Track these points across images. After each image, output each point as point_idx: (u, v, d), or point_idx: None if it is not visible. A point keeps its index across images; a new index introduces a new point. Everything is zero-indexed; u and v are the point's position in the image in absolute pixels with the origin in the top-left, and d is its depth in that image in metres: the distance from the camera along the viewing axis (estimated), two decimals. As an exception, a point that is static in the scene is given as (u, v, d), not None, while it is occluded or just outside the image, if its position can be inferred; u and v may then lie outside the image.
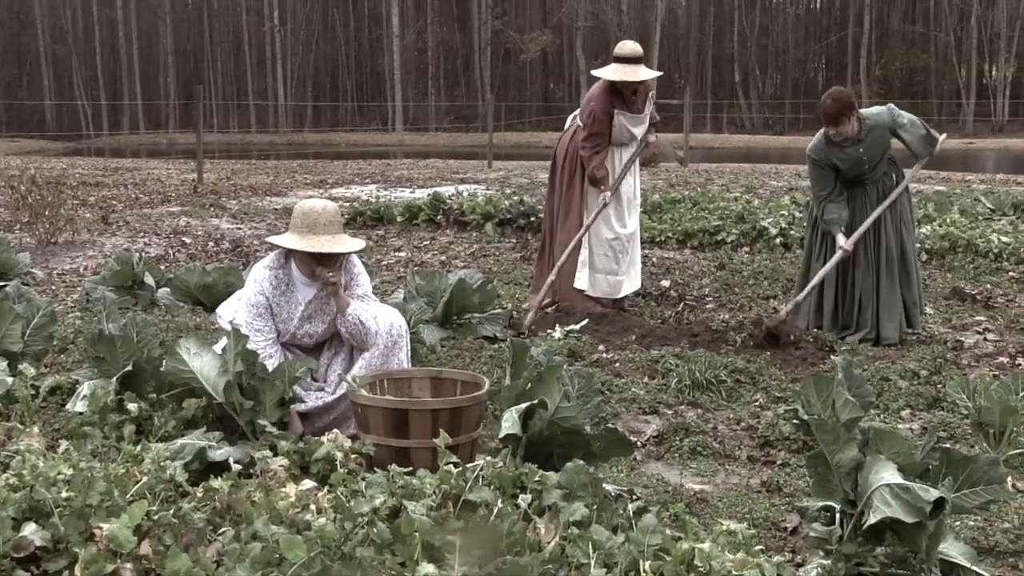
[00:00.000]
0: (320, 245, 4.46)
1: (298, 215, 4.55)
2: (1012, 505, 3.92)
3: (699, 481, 4.33)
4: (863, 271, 6.59)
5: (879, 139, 6.47)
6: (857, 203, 6.61)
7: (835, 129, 6.39)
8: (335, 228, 4.54)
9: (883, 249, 6.57)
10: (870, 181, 6.57)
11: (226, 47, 64.52)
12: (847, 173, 6.52)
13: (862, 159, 6.47)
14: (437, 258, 10.21)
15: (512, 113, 50.67)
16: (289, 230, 4.58)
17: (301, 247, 4.47)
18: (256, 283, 4.61)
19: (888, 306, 6.55)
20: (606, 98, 7.21)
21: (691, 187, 16.52)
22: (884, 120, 6.48)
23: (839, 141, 6.43)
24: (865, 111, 6.54)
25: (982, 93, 53.73)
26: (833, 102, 6.38)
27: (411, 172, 21.96)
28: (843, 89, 6.67)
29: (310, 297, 4.62)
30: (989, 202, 13.10)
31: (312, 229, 4.49)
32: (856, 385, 3.92)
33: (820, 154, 6.55)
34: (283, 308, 4.61)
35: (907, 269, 6.62)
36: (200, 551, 2.76)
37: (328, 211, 4.55)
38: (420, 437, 3.92)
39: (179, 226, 12.56)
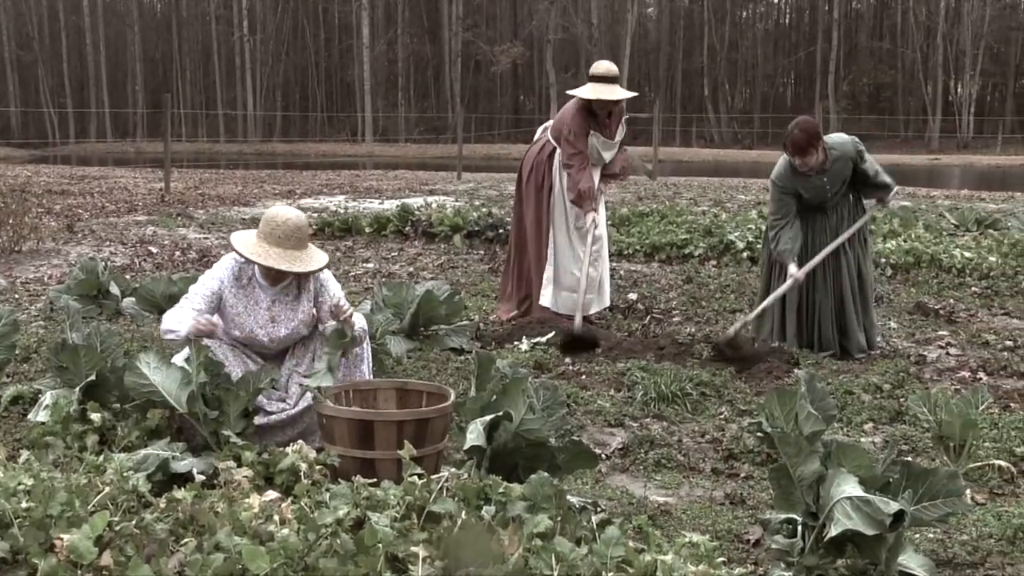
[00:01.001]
0: (279, 260, 4.44)
1: (265, 222, 4.53)
2: (970, 518, 3.97)
3: (663, 493, 4.35)
4: (822, 295, 6.63)
5: (842, 168, 6.49)
6: (817, 227, 6.63)
7: (802, 159, 6.37)
8: (300, 242, 4.51)
9: (843, 273, 6.62)
10: (830, 207, 6.61)
11: (195, 56, 64.26)
12: (810, 201, 6.55)
13: (825, 188, 6.50)
14: (405, 269, 10.20)
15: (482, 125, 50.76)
16: (256, 235, 4.56)
17: (260, 260, 4.46)
18: (220, 269, 4.63)
19: (849, 328, 6.60)
20: (581, 117, 7.19)
21: (659, 200, 16.61)
22: (848, 151, 6.50)
23: (805, 171, 6.46)
24: (830, 140, 6.53)
25: (948, 109, 54.42)
26: (801, 132, 6.36)
27: (380, 183, 21.94)
28: (810, 119, 6.67)
29: (273, 298, 4.60)
30: (953, 218, 13.26)
31: (277, 241, 4.47)
32: (819, 399, 3.96)
33: (785, 182, 6.54)
34: (241, 301, 4.60)
35: (864, 293, 6.67)
36: (162, 562, 2.74)
37: (291, 224, 4.50)
38: (385, 448, 3.91)
39: (146, 235, 12.47)
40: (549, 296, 7.36)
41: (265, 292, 4.61)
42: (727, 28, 60.87)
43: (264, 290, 4.62)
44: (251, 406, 4.31)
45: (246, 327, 4.62)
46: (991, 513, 4.02)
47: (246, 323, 4.61)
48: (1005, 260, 9.88)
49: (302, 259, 4.51)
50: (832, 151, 6.44)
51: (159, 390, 4.17)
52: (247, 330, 4.62)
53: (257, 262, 4.48)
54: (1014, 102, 56.48)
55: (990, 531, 3.83)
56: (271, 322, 4.63)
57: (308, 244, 4.59)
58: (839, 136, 6.68)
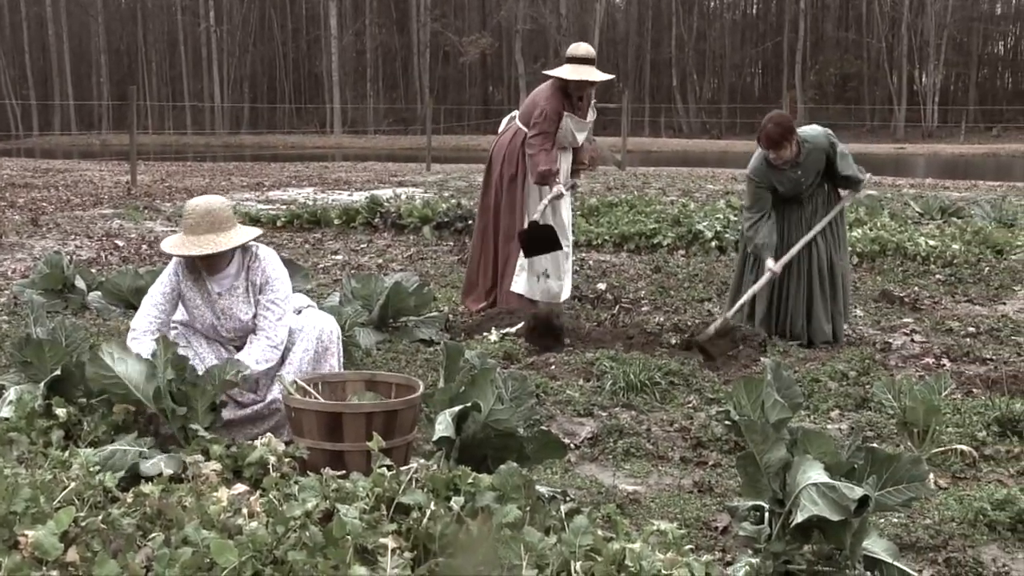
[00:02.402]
0: (187, 247, 4.42)
1: (183, 214, 4.52)
2: (933, 502, 4.02)
3: (632, 482, 4.38)
4: (793, 284, 6.68)
5: (816, 160, 6.54)
6: (792, 218, 6.69)
7: (776, 153, 6.42)
8: (203, 227, 4.42)
9: (814, 262, 6.67)
10: (806, 198, 6.66)
11: (161, 47, 63.69)
12: (785, 193, 6.61)
13: (800, 180, 6.55)
14: (374, 261, 10.18)
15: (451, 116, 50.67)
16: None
17: (172, 251, 4.46)
18: (170, 266, 4.62)
19: (818, 317, 6.66)
20: (557, 99, 7.21)
21: (628, 190, 16.65)
22: (821, 143, 6.55)
23: (779, 165, 6.51)
24: (803, 132, 6.58)
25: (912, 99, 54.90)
26: (775, 126, 6.41)
27: (349, 175, 21.85)
28: (784, 113, 6.72)
29: (220, 291, 4.58)
30: (918, 206, 13.39)
31: (191, 229, 4.44)
32: (785, 386, 3.98)
33: (761, 176, 6.59)
34: (197, 295, 4.58)
35: (834, 283, 6.73)
36: (129, 557, 2.73)
37: (198, 210, 4.44)
38: (354, 440, 3.91)
39: (112, 229, 12.37)
40: (523, 283, 7.34)
41: (213, 284, 4.58)
42: (695, 18, 61.06)
43: (212, 282, 4.59)
44: (218, 399, 4.29)
45: (205, 320, 4.60)
46: (953, 497, 4.08)
47: (205, 315, 4.60)
48: (968, 248, 10.01)
49: (216, 241, 4.42)
50: (805, 144, 6.49)
51: (123, 382, 4.13)
52: (207, 322, 4.61)
53: (170, 253, 4.48)
54: (976, 92, 57.10)
55: (952, 515, 3.88)
56: (223, 313, 4.59)
57: (229, 227, 4.48)
58: (812, 128, 6.73)
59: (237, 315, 4.57)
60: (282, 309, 4.58)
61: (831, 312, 6.71)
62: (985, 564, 3.52)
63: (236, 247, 4.50)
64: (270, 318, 4.54)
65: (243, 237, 4.50)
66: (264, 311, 4.55)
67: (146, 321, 4.52)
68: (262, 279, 4.58)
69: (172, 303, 4.58)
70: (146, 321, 4.52)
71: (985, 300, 8.29)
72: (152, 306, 4.54)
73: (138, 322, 4.55)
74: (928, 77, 55.20)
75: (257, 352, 4.50)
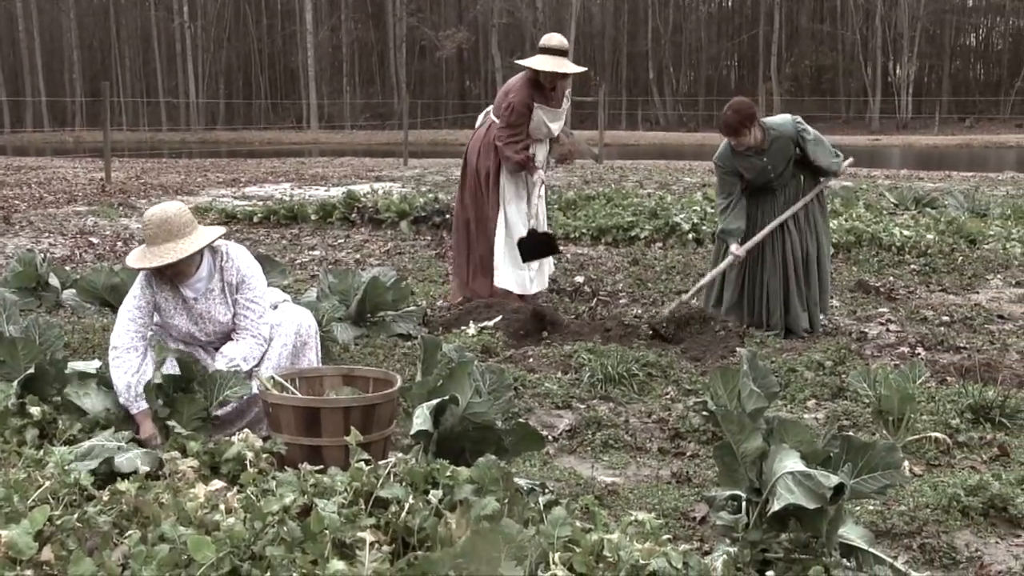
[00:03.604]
0: (151, 259, 4.36)
1: (142, 226, 4.48)
2: (908, 489, 4.05)
3: (611, 473, 4.39)
4: (770, 273, 6.71)
5: (783, 148, 6.57)
6: (765, 208, 6.72)
7: (736, 140, 6.48)
8: (162, 236, 4.36)
9: (788, 252, 6.70)
10: (778, 187, 6.69)
11: (134, 43, 63.22)
12: (754, 181, 6.63)
13: (766, 168, 6.58)
14: (352, 256, 10.16)
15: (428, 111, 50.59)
16: None
17: (135, 264, 4.41)
18: (138, 279, 4.55)
19: (795, 306, 6.69)
20: (527, 90, 7.17)
21: (606, 184, 16.67)
22: (788, 131, 6.58)
23: (742, 151, 6.53)
24: (769, 120, 6.63)
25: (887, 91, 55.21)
26: (733, 114, 6.46)
27: (326, 170, 21.78)
28: (744, 100, 6.73)
29: (195, 296, 4.54)
30: (893, 197, 13.48)
31: (151, 240, 4.38)
32: (761, 376, 4.00)
33: (726, 162, 6.64)
34: (171, 304, 4.54)
35: (808, 272, 6.75)
36: (105, 555, 2.72)
37: (155, 220, 4.37)
38: (332, 435, 3.90)
39: (86, 226, 12.28)
40: (505, 276, 7.32)
41: (187, 290, 4.53)
42: (670, 11, 61.14)
43: (185, 288, 4.53)
44: (212, 411, 4.26)
45: (181, 328, 4.56)
46: (928, 484, 4.11)
47: (180, 324, 4.55)
48: (942, 238, 10.09)
49: (176, 249, 4.35)
50: (771, 131, 6.51)
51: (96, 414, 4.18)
52: (182, 331, 4.57)
53: (134, 267, 4.43)
54: (950, 83, 57.47)
55: (926, 501, 3.92)
56: (201, 318, 4.55)
57: (189, 232, 4.40)
58: (781, 117, 6.76)
59: (216, 317, 4.54)
60: (262, 307, 4.57)
61: (807, 301, 6.75)
62: (959, 549, 3.55)
63: (199, 251, 4.44)
64: (251, 316, 4.52)
65: (204, 240, 4.42)
66: (244, 310, 4.53)
67: (127, 337, 4.43)
68: (237, 278, 4.54)
69: (148, 315, 4.50)
70: (127, 337, 4.43)
71: (959, 289, 8.36)
72: (129, 320, 4.46)
73: (118, 339, 4.45)
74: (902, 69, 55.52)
75: (244, 349, 4.48)
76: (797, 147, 6.60)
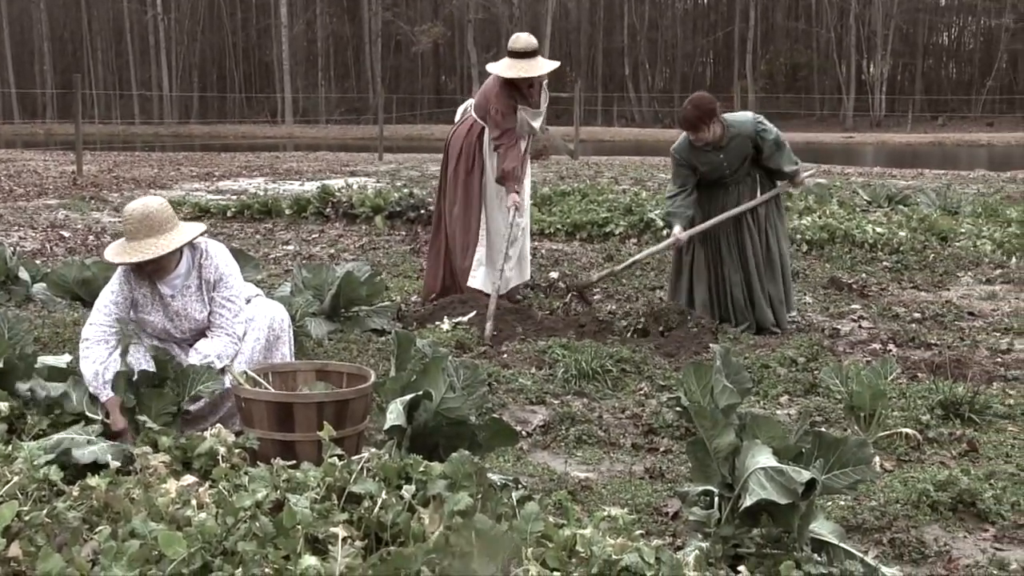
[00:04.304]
0: (132, 254, 4.33)
1: (121, 220, 4.44)
2: (879, 484, 4.09)
3: (584, 469, 4.40)
4: (731, 269, 6.74)
5: (740, 147, 6.60)
6: (717, 203, 6.75)
7: (695, 135, 6.50)
8: (143, 232, 4.33)
9: (748, 249, 6.72)
10: (731, 182, 6.72)
11: (106, 35, 62.69)
12: (708, 175, 6.67)
13: (722, 164, 6.60)
14: (326, 251, 10.12)
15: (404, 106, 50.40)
16: None
17: (115, 260, 4.38)
18: (115, 275, 4.53)
19: (756, 303, 6.73)
20: (506, 94, 7.12)
21: (581, 179, 16.68)
22: (747, 129, 6.60)
23: (700, 146, 6.55)
24: (730, 117, 6.65)
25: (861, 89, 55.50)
26: (693, 108, 6.49)
27: (300, 165, 21.69)
28: (705, 95, 6.75)
29: (172, 292, 4.51)
30: (866, 194, 13.56)
31: (132, 235, 4.35)
32: (734, 372, 4.02)
33: (682, 155, 6.68)
34: (147, 300, 4.51)
35: (772, 269, 6.78)
36: (74, 551, 2.70)
37: (135, 215, 4.35)
38: (305, 430, 3.89)
39: (57, 219, 12.18)
40: (481, 278, 7.27)
41: (164, 287, 4.50)
42: (646, 8, 61.22)
43: (162, 285, 4.50)
44: (184, 405, 4.24)
45: (156, 325, 4.53)
46: (898, 479, 4.15)
47: (156, 320, 4.52)
48: (914, 235, 10.16)
49: (157, 245, 4.32)
50: (731, 128, 6.54)
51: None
52: (158, 327, 4.54)
53: (113, 262, 4.40)
54: (922, 82, 57.86)
55: (897, 496, 3.95)
56: (177, 315, 4.53)
57: (169, 228, 4.37)
58: (742, 114, 6.79)
59: (192, 315, 4.51)
60: (238, 306, 4.55)
61: (771, 299, 6.77)
62: (927, 543, 3.59)
63: (181, 247, 4.42)
64: (227, 315, 4.50)
65: (185, 237, 4.40)
66: (220, 308, 4.50)
67: (100, 330, 4.41)
68: (215, 276, 4.52)
69: (124, 311, 4.47)
70: (100, 330, 4.41)
71: (930, 286, 8.43)
72: (104, 315, 4.43)
73: (90, 331, 4.43)
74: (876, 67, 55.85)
75: (219, 347, 4.46)
76: (755, 146, 6.62)
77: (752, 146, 6.60)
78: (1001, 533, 3.72)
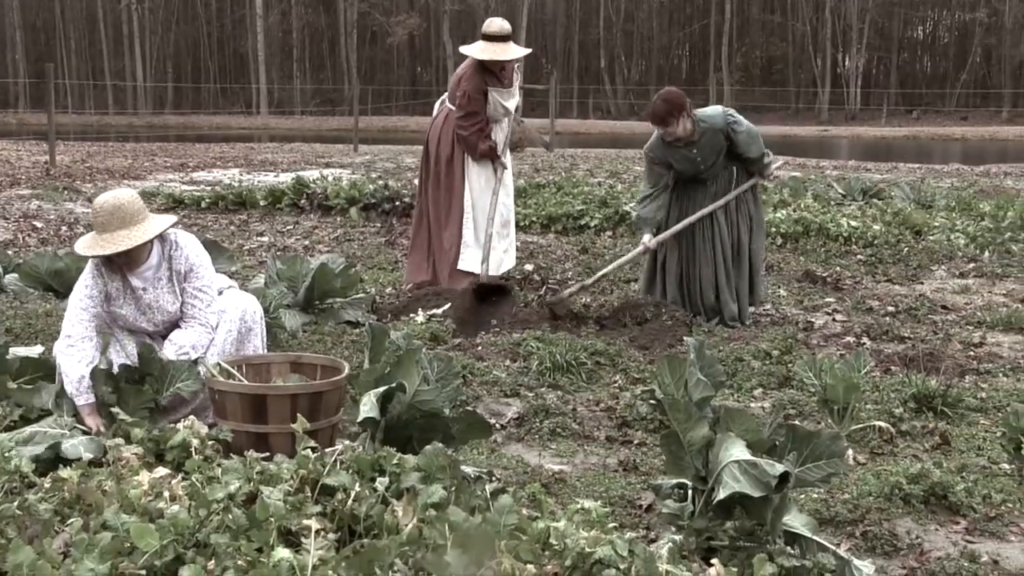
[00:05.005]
0: (104, 246, 4.29)
1: (91, 214, 4.40)
2: (852, 477, 4.11)
3: (558, 462, 4.40)
4: (703, 264, 6.76)
5: (712, 140, 6.58)
6: (695, 198, 6.74)
7: (664, 129, 6.48)
8: (115, 224, 4.30)
9: (717, 240, 6.73)
10: (708, 178, 6.72)
11: (79, 24, 62.08)
12: (683, 172, 6.66)
13: (696, 159, 6.60)
14: (300, 243, 10.08)
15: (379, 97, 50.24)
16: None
17: (88, 252, 4.33)
18: (87, 269, 4.48)
19: (724, 293, 6.74)
20: (478, 77, 7.15)
21: (556, 172, 16.70)
22: (717, 123, 6.59)
23: (671, 141, 6.55)
24: (700, 112, 6.64)
25: (836, 82, 55.80)
26: (663, 103, 6.46)
27: (275, 156, 21.59)
28: (674, 90, 6.74)
29: (143, 285, 4.48)
30: (840, 188, 13.63)
31: (103, 227, 4.31)
32: (708, 365, 4.04)
33: (656, 152, 6.66)
34: (119, 293, 4.47)
35: (739, 262, 6.79)
36: (46, 543, 2.67)
37: (106, 207, 4.31)
38: (279, 422, 3.88)
39: (29, 210, 12.06)
40: (470, 258, 7.28)
41: (135, 279, 4.46)
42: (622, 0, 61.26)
43: (133, 277, 4.46)
44: (162, 401, 4.20)
45: (127, 318, 4.50)
46: (871, 472, 4.17)
47: (127, 313, 4.49)
48: (888, 228, 10.22)
49: (129, 237, 4.29)
50: (701, 123, 6.52)
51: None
52: (131, 320, 4.50)
53: (84, 255, 4.36)
54: (897, 75, 58.21)
55: (869, 489, 3.97)
56: (149, 308, 4.49)
57: (141, 220, 4.35)
58: (712, 108, 6.80)
59: (164, 307, 4.48)
60: (211, 296, 4.52)
61: (736, 291, 6.79)
62: (900, 536, 3.61)
63: (152, 239, 4.39)
64: (199, 306, 4.47)
65: (156, 228, 4.37)
66: (193, 299, 4.48)
67: (82, 327, 4.36)
68: (185, 267, 4.49)
69: (100, 304, 4.44)
70: (82, 327, 4.36)
71: (904, 280, 8.48)
72: (82, 310, 4.38)
73: (72, 328, 4.36)
74: (851, 60, 56.17)
75: (193, 337, 4.43)
76: (728, 139, 6.62)
77: (724, 139, 6.60)
78: (972, 525, 3.75)
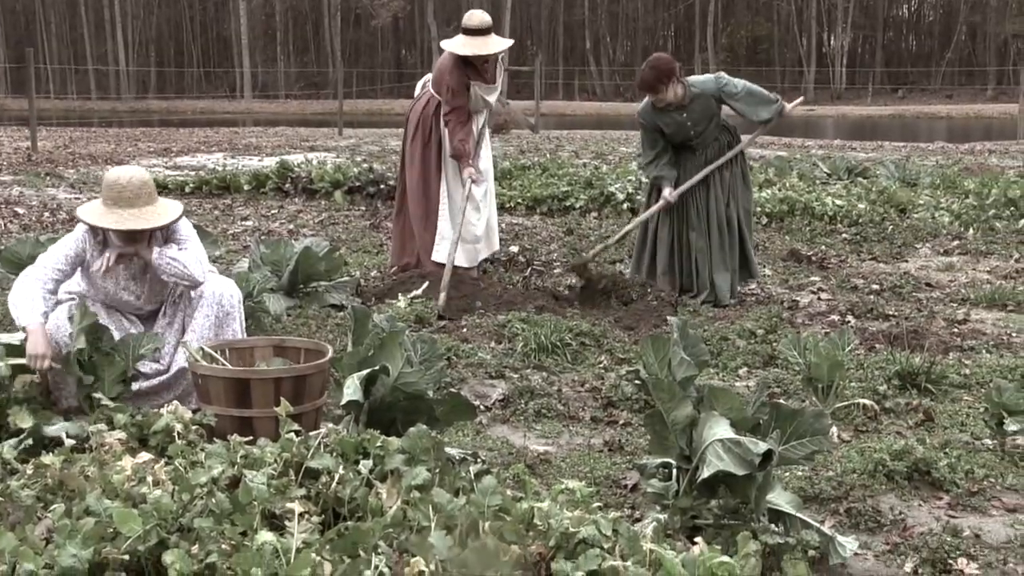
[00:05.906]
0: (124, 221, 4.31)
1: (105, 186, 4.39)
2: (836, 455, 4.13)
3: (543, 443, 4.41)
4: (697, 234, 6.78)
5: (704, 106, 6.63)
6: (688, 166, 6.79)
7: (654, 96, 6.56)
8: (143, 199, 4.35)
9: (712, 214, 6.77)
10: (700, 146, 6.75)
11: (60, 8, 61.57)
12: (673, 137, 6.70)
13: (686, 124, 6.64)
14: (285, 227, 10.04)
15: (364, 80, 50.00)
16: (101, 203, 4.42)
17: (104, 224, 4.33)
18: (82, 231, 4.48)
19: (720, 268, 6.77)
20: (460, 71, 7.08)
21: (541, 153, 16.65)
22: (709, 88, 6.63)
23: (662, 107, 6.58)
24: (692, 78, 6.71)
25: (822, 61, 55.79)
26: (651, 70, 6.54)
27: (259, 140, 21.49)
28: (663, 56, 6.79)
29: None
30: (826, 167, 13.65)
31: (117, 202, 4.32)
32: (692, 345, 4.04)
33: (647, 117, 6.74)
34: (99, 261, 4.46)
35: (731, 236, 6.81)
36: (28, 529, 2.66)
37: (134, 182, 4.35)
38: (263, 406, 3.86)
39: (11, 196, 11.98)
40: (444, 251, 7.24)
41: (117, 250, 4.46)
42: (608, -20, 61.09)
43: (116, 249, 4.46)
44: (130, 372, 4.21)
45: (108, 289, 4.49)
46: (855, 449, 4.19)
47: (109, 286, 4.48)
48: (873, 207, 10.25)
49: (156, 213, 4.38)
50: (692, 88, 6.57)
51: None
52: (111, 292, 4.50)
53: (105, 227, 4.35)
54: (883, 54, 58.23)
55: (853, 466, 3.99)
56: (132, 280, 4.50)
57: (156, 199, 4.44)
58: (704, 76, 6.85)
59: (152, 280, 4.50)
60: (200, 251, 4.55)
61: (729, 267, 6.81)
62: (883, 512, 3.63)
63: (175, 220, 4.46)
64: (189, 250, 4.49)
65: (176, 210, 4.47)
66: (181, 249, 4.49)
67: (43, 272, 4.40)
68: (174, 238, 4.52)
69: (73, 267, 4.46)
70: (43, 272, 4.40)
71: (889, 258, 8.50)
72: (55, 263, 4.42)
73: (37, 273, 4.42)
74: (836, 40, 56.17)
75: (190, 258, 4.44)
76: (721, 104, 6.65)
77: (717, 104, 6.64)
78: (955, 501, 3.77)
